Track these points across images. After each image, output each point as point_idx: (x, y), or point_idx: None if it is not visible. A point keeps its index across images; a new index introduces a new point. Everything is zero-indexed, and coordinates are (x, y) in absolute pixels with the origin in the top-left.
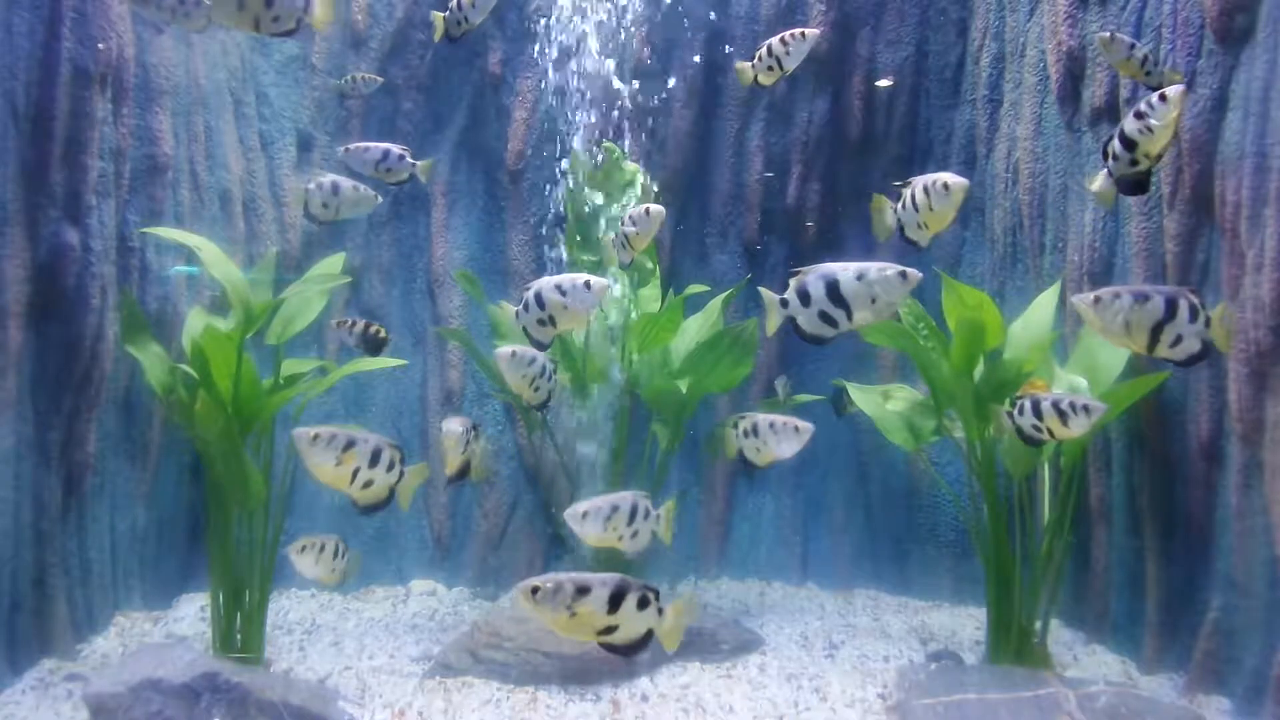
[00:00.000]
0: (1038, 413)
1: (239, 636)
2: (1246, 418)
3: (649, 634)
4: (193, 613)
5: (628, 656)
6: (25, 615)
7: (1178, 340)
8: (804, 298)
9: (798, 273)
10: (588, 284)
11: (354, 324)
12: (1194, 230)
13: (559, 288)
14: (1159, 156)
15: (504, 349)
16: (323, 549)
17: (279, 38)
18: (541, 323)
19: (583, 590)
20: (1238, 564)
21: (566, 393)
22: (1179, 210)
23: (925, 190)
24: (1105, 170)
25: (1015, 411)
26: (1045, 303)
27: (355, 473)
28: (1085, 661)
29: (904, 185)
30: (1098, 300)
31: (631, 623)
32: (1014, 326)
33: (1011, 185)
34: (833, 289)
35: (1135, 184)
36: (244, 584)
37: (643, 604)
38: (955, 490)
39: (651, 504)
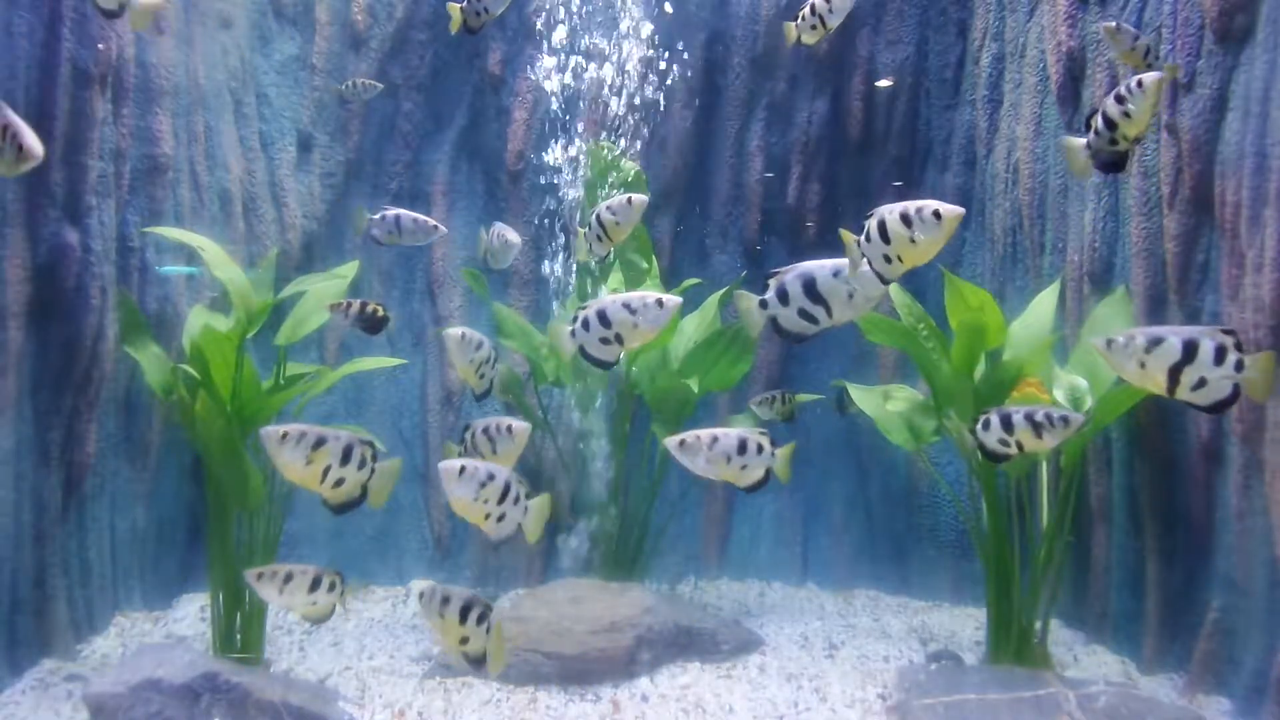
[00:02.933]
0: (1008, 427)
1: (239, 636)
2: (1246, 418)
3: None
4: (193, 613)
5: (476, 669)
6: (25, 615)
7: (1201, 383)
8: (783, 297)
9: (776, 274)
10: (660, 302)
11: (350, 305)
12: (1194, 230)
13: (628, 306)
14: (1136, 140)
15: (454, 330)
16: (288, 578)
17: (101, 15)
18: (605, 341)
19: (445, 600)
20: (1238, 564)
21: (567, 393)
22: (1179, 210)
23: (905, 219)
24: (1085, 141)
25: (979, 427)
26: (1044, 302)
27: (326, 471)
28: (1085, 661)
29: (869, 216)
30: (1110, 344)
31: (477, 639)
32: (1013, 326)
33: (1011, 185)
34: (810, 286)
35: (1111, 162)
36: (244, 584)
37: (480, 619)
38: (955, 490)
39: (526, 490)
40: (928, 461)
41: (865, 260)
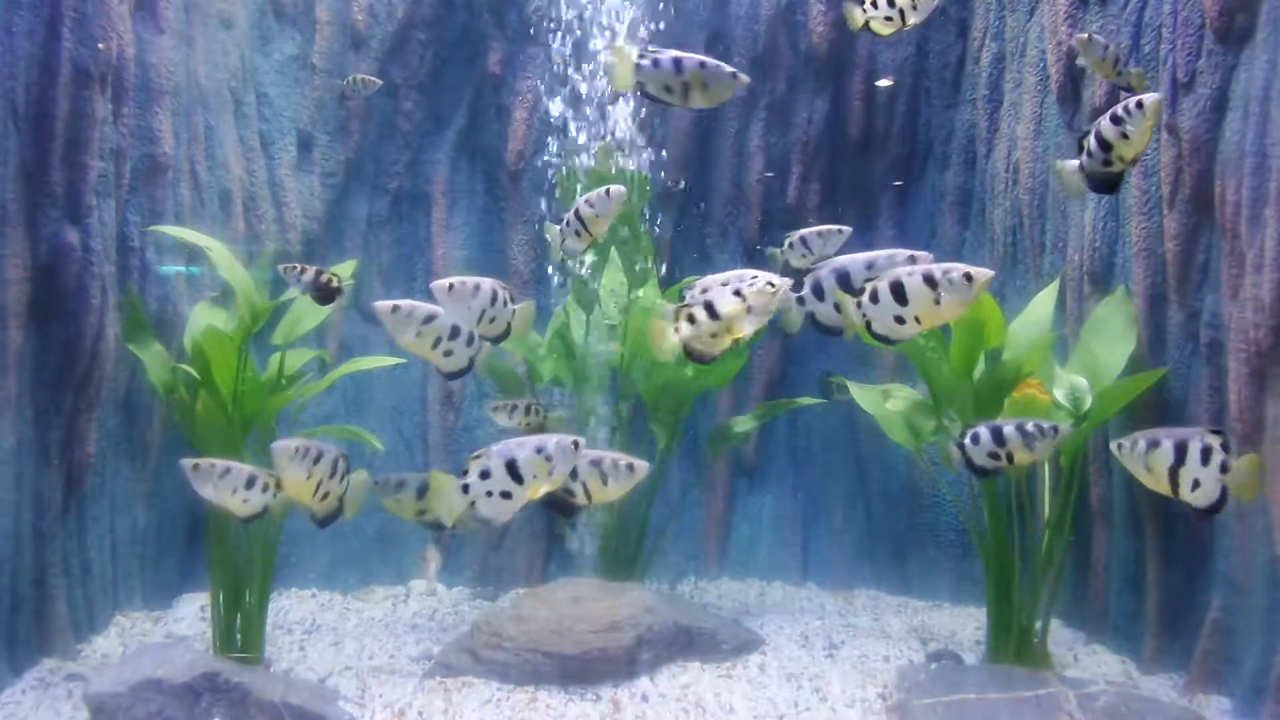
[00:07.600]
0: (999, 439)
1: (239, 636)
2: (1246, 418)
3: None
4: (193, 613)
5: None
6: (25, 615)
7: (1196, 485)
8: (818, 292)
9: (812, 269)
10: (771, 284)
11: (304, 270)
12: (1194, 230)
13: (739, 292)
14: (1134, 161)
15: (384, 303)
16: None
17: None
18: (715, 335)
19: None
20: (1238, 564)
21: (567, 393)
22: (1179, 210)
23: (930, 281)
24: (1078, 163)
25: (968, 441)
26: (1043, 301)
27: (319, 485)
28: (1085, 661)
29: (872, 278)
30: (1120, 446)
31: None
32: (1012, 326)
33: (1011, 185)
34: (844, 280)
35: (1106, 183)
36: (244, 584)
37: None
38: (955, 490)
39: (348, 462)
40: (928, 461)
41: (866, 321)
